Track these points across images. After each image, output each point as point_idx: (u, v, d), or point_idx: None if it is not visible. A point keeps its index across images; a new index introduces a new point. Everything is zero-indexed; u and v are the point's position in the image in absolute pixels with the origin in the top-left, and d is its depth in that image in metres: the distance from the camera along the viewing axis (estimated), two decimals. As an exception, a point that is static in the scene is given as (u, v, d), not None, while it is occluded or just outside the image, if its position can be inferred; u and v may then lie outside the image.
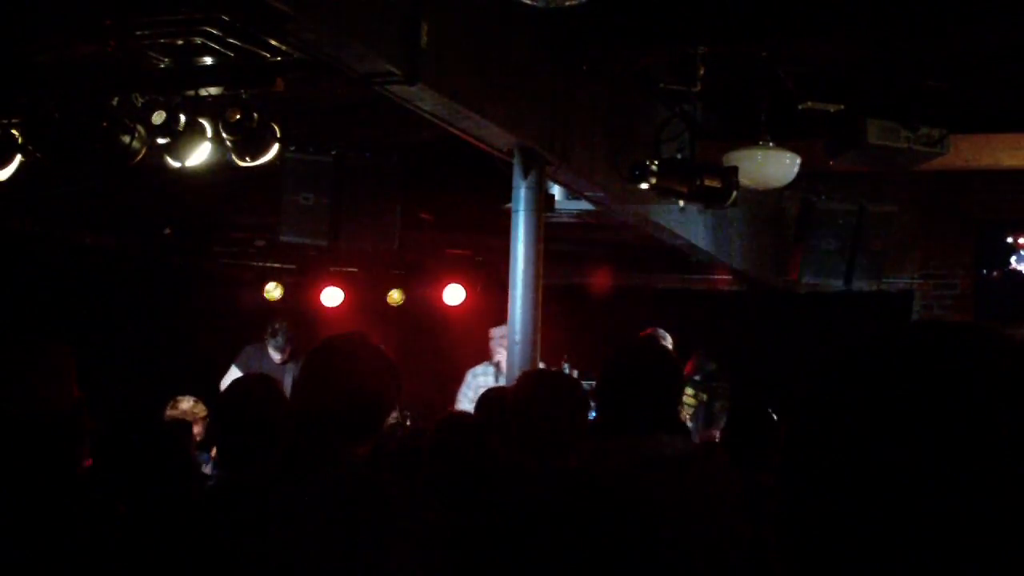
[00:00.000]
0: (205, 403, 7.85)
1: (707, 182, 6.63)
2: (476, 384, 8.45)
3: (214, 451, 5.82)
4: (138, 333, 9.63)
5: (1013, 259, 9.89)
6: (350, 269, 11.05)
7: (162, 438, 3.60)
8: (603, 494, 3.02)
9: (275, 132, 5.92)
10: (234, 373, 8.84)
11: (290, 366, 8.86)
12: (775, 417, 4.67)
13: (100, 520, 2.69)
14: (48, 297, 8.70)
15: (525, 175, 6.08)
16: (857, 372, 0.89)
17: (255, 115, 5.75)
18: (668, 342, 8.45)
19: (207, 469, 6.25)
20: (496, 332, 8.32)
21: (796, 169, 7.17)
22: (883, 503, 0.83)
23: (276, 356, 8.89)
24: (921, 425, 0.83)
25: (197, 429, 7.17)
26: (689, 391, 8.59)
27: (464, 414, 5.69)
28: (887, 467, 0.83)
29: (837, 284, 9.33)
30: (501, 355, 8.08)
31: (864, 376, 0.88)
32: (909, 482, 0.82)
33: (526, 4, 4.56)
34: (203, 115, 5.83)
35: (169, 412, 7.59)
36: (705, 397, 8.63)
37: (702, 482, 3.19)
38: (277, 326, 9.00)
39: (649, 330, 8.44)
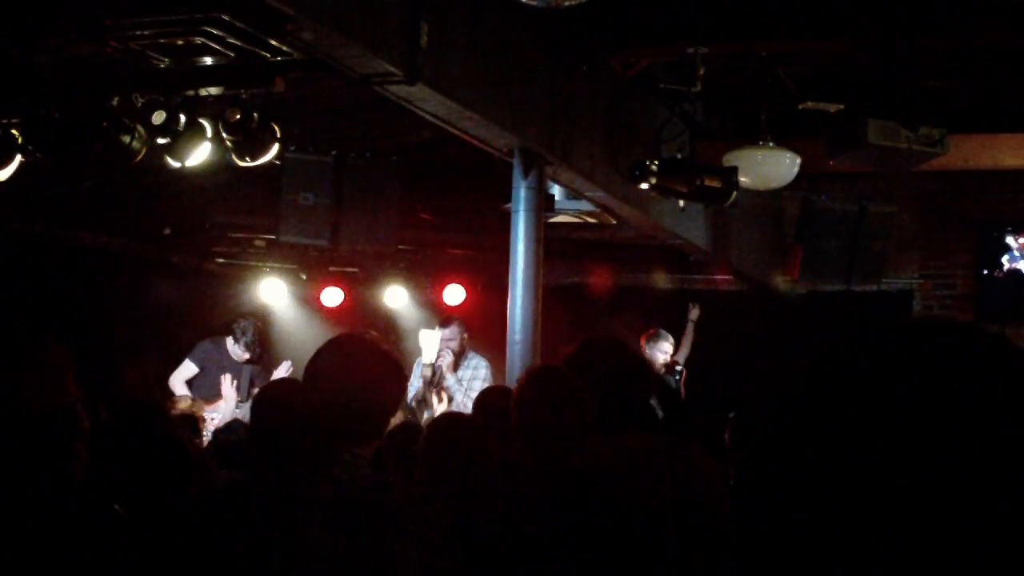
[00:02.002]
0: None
1: (707, 182, 6.63)
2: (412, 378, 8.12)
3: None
4: (138, 333, 9.62)
5: (1012, 258, 9.88)
6: (350, 269, 11.04)
7: (160, 437, 3.60)
8: (591, 491, 3.02)
9: (275, 132, 5.92)
10: (188, 367, 8.68)
11: (248, 367, 8.65)
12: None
13: (97, 519, 2.69)
14: (48, 297, 8.69)
15: (525, 175, 6.08)
16: (844, 370, 0.89)
17: (255, 115, 5.75)
18: (670, 343, 8.47)
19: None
20: (445, 333, 8.15)
21: (796, 169, 7.17)
22: (869, 502, 0.83)
23: (244, 355, 8.61)
24: (908, 424, 0.83)
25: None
26: None
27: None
28: (872, 467, 0.83)
29: (837, 284, 9.33)
30: (444, 358, 7.96)
31: (851, 374, 0.88)
32: (895, 482, 0.82)
33: (526, 4, 4.56)
34: (203, 115, 5.83)
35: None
36: None
37: (682, 477, 3.19)
38: (245, 324, 8.75)
39: (652, 330, 8.46)
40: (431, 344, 7.93)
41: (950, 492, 0.81)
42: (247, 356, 8.64)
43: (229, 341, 8.70)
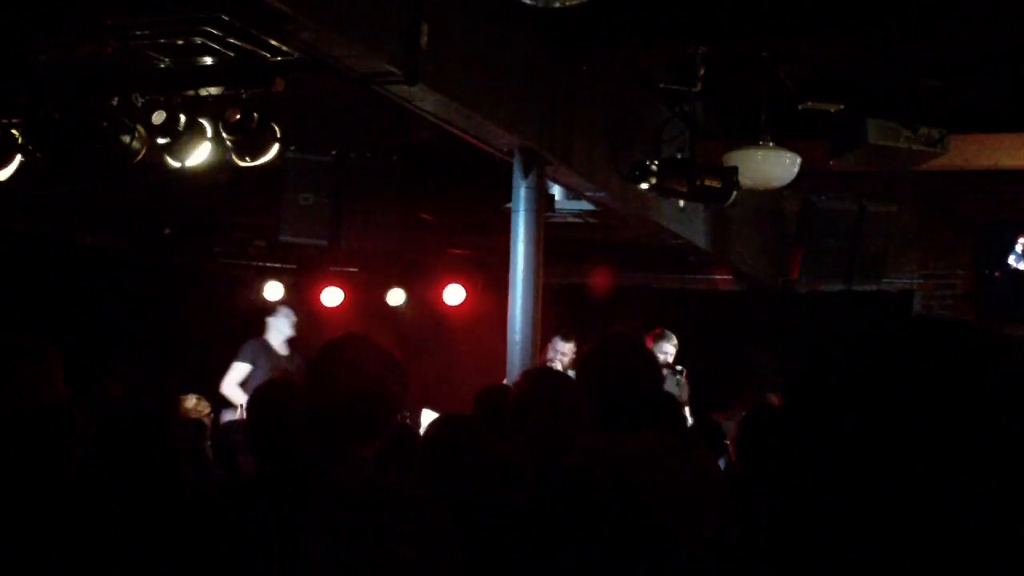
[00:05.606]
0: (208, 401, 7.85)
1: (707, 182, 6.63)
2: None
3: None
4: (138, 333, 9.63)
5: (1011, 259, 9.88)
6: (350, 269, 11.05)
7: (157, 437, 3.60)
8: (596, 491, 3.03)
9: (275, 132, 5.92)
10: (240, 368, 8.81)
11: (293, 358, 8.85)
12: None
13: (93, 517, 2.69)
14: (48, 297, 8.69)
15: (525, 175, 6.08)
16: (856, 367, 0.89)
17: (255, 115, 5.75)
18: (674, 343, 8.45)
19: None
20: (560, 346, 8.00)
21: (796, 169, 7.17)
22: (881, 498, 0.83)
23: (289, 331, 8.91)
24: (919, 422, 0.83)
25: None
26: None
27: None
28: (885, 462, 0.83)
29: (837, 284, 9.34)
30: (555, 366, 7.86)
31: (863, 371, 0.88)
32: (908, 475, 0.82)
33: (526, 4, 4.56)
34: (203, 115, 5.83)
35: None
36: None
37: (688, 476, 3.21)
38: (286, 308, 9.13)
39: (658, 330, 8.45)
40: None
41: (952, 488, 0.81)
42: (291, 333, 8.90)
43: (272, 336, 8.93)
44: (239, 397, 8.58)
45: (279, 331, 8.97)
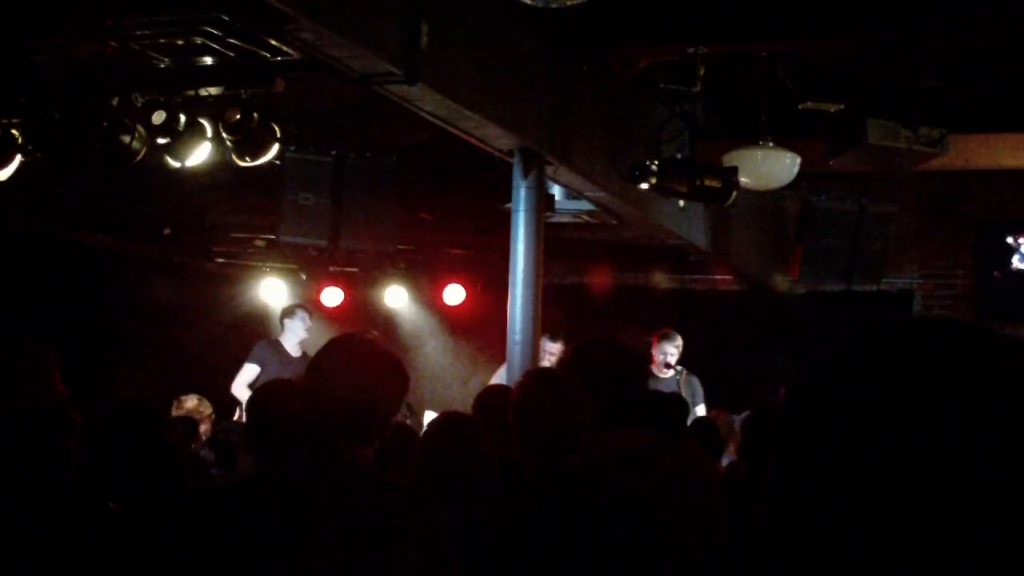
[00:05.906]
0: (210, 401, 7.86)
1: (707, 182, 6.64)
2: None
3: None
4: (138, 333, 9.63)
5: (1015, 259, 9.88)
6: (350, 269, 11.05)
7: (157, 437, 3.59)
8: (596, 491, 3.03)
9: (275, 132, 5.92)
10: (250, 369, 8.81)
11: (306, 359, 8.84)
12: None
13: (91, 516, 2.69)
14: (48, 297, 8.70)
15: (525, 175, 6.09)
16: (855, 368, 0.89)
17: (255, 115, 5.75)
18: (677, 343, 8.46)
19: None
20: (548, 346, 7.97)
21: (796, 169, 7.17)
22: (880, 500, 0.83)
23: (303, 334, 8.90)
24: (919, 423, 0.83)
25: (204, 428, 7.18)
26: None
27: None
28: (884, 464, 0.83)
29: (837, 284, 9.33)
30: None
31: (861, 373, 0.88)
32: (906, 480, 0.82)
33: (526, 4, 4.56)
34: (203, 115, 5.84)
35: (175, 411, 7.59)
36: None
37: (686, 475, 3.22)
38: (302, 311, 9.13)
39: (665, 330, 8.46)
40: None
41: (952, 489, 0.81)
42: (305, 336, 8.90)
43: (286, 338, 8.89)
44: (245, 394, 8.58)
45: (294, 333, 8.99)
